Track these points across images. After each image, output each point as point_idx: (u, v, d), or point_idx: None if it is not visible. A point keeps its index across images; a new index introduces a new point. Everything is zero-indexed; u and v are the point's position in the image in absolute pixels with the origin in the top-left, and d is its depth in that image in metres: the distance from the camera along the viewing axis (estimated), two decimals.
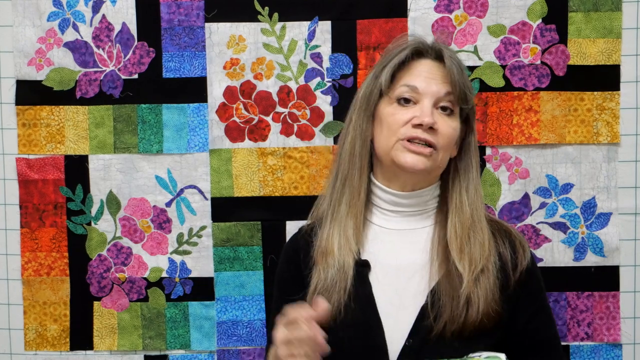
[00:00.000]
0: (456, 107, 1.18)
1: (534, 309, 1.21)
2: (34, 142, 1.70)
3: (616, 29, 1.63)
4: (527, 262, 1.19)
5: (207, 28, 1.67)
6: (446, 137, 1.16)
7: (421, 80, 1.17)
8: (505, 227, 1.24)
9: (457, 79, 1.17)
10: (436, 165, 1.17)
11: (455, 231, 1.17)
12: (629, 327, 1.66)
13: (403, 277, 1.18)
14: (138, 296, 1.71)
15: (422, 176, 1.18)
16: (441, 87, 1.17)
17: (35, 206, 1.70)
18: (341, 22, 1.65)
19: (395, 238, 1.21)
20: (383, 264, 1.19)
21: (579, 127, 1.64)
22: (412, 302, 1.16)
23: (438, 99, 1.17)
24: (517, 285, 1.18)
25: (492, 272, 1.16)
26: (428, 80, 1.17)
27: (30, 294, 1.72)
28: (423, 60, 1.20)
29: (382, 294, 1.17)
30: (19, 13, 1.68)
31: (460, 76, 1.17)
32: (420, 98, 1.17)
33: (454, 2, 1.64)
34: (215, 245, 1.69)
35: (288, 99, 1.67)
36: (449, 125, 1.17)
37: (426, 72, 1.18)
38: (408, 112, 1.16)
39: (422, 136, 1.14)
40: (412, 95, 1.17)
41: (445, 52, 1.20)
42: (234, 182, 1.68)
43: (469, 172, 1.22)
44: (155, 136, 1.69)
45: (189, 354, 1.71)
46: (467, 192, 1.20)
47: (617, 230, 1.65)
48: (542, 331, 1.22)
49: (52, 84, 1.68)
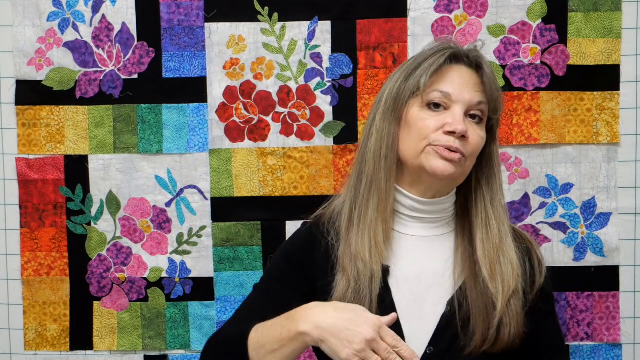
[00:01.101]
0: (485, 117, 1.17)
1: (544, 316, 1.21)
2: (34, 142, 1.70)
3: (616, 29, 1.63)
4: (543, 278, 1.19)
5: (207, 28, 1.67)
6: (474, 146, 1.15)
7: (454, 87, 1.14)
8: (525, 239, 1.23)
9: (491, 89, 1.15)
10: (462, 173, 1.16)
11: (483, 248, 1.15)
12: (629, 327, 1.66)
13: (423, 284, 1.16)
14: (138, 296, 1.71)
15: (447, 183, 1.16)
16: (474, 95, 1.15)
17: (35, 206, 1.70)
18: (341, 22, 1.65)
19: (414, 244, 1.19)
20: (402, 270, 1.17)
21: (579, 127, 1.64)
22: (432, 310, 1.15)
23: (469, 107, 1.15)
24: (534, 300, 1.18)
25: (520, 293, 1.15)
26: (461, 87, 1.15)
27: (30, 294, 1.72)
28: (457, 66, 1.17)
29: (402, 300, 1.16)
30: (19, 13, 1.68)
31: (494, 86, 1.16)
32: (451, 104, 1.14)
33: (454, 2, 1.64)
34: (215, 245, 1.69)
35: (288, 99, 1.67)
36: (477, 134, 1.15)
37: (460, 79, 1.16)
38: (439, 117, 1.14)
39: (455, 145, 1.12)
40: (444, 101, 1.14)
41: (484, 60, 1.18)
42: (233, 182, 1.68)
43: (492, 184, 1.20)
44: (155, 136, 1.69)
45: (189, 354, 1.71)
46: (493, 206, 1.18)
47: (617, 230, 1.65)
48: (549, 336, 1.22)
49: (52, 84, 1.68)
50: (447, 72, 1.16)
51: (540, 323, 1.20)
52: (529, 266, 1.19)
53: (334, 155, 1.66)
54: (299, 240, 1.27)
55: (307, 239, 1.25)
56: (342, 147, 1.66)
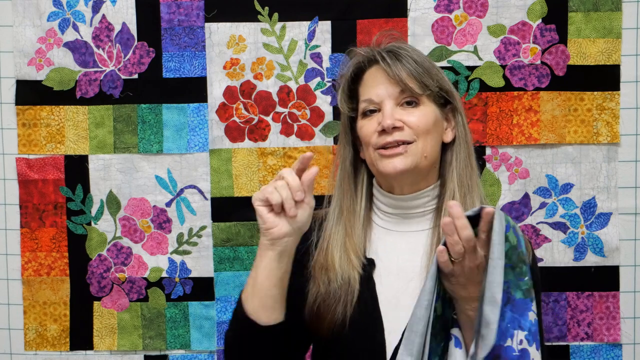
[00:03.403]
0: (422, 96, 1.18)
1: None
2: (34, 142, 1.70)
3: (616, 29, 1.63)
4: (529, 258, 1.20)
5: (207, 28, 1.67)
6: (417, 127, 1.16)
7: (373, 90, 1.19)
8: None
9: (403, 73, 1.17)
10: (421, 157, 1.17)
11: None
12: (629, 327, 1.66)
13: (403, 278, 1.19)
14: (138, 296, 1.71)
15: (413, 175, 1.18)
16: (392, 87, 1.18)
17: (35, 206, 1.70)
18: (341, 22, 1.65)
19: (396, 239, 1.22)
20: (385, 264, 1.21)
21: (579, 127, 1.64)
22: (411, 302, 1.16)
23: (396, 99, 1.18)
24: None
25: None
26: (377, 86, 1.19)
27: (30, 294, 1.72)
28: (371, 69, 1.22)
29: (383, 292, 1.19)
30: (19, 13, 1.68)
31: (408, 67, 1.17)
32: (381, 106, 1.18)
33: (454, 2, 1.64)
34: (215, 245, 1.69)
35: (288, 99, 1.67)
36: (415, 116, 1.17)
37: (375, 80, 1.20)
38: (374, 120, 1.19)
39: (390, 139, 1.15)
40: (374, 107, 1.19)
41: (378, 56, 1.20)
42: (234, 182, 1.68)
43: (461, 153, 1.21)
44: (155, 136, 1.69)
45: (189, 354, 1.71)
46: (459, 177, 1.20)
47: (617, 230, 1.65)
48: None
49: (52, 84, 1.68)
50: (365, 78, 1.22)
51: None
52: None
53: (334, 155, 1.66)
54: None
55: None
56: None
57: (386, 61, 1.18)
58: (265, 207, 1.09)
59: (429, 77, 1.19)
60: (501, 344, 0.96)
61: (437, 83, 1.20)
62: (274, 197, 1.07)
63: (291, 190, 1.07)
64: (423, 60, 1.20)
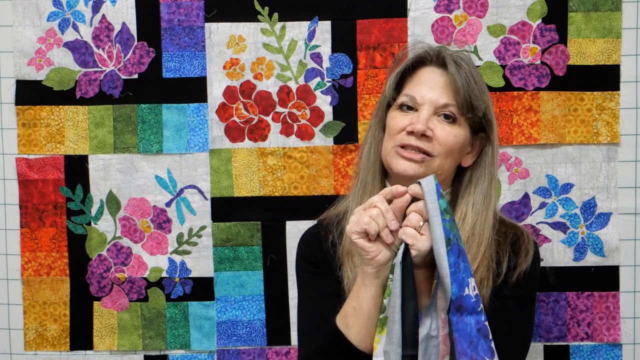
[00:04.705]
0: (461, 116, 1.18)
1: (513, 298, 1.20)
2: (34, 142, 1.70)
3: (616, 29, 1.63)
4: (527, 264, 1.20)
5: (207, 28, 1.67)
6: (444, 145, 1.16)
7: (421, 89, 1.18)
8: (517, 231, 1.24)
9: (459, 87, 1.16)
10: (431, 172, 1.15)
11: None
12: (629, 327, 1.66)
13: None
14: (138, 296, 1.71)
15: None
16: (440, 95, 1.17)
17: (35, 206, 1.70)
18: (341, 22, 1.65)
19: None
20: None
21: (579, 127, 1.64)
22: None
23: (437, 108, 1.17)
24: (513, 282, 1.19)
25: (490, 281, 1.18)
26: (427, 88, 1.18)
27: (30, 294, 1.72)
28: (427, 68, 1.21)
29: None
30: (19, 13, 1.68)
31: (465, 84, 1.17)
32: (419, 106, 1.18)
33: (454, 2, 1.64)
34: (215, 245, 1.69)
35: (288, 99, 1.67)
36: (447, 133, 1.16)
37: (427, 80, 1.19)
38: (406, 118, 1.18)
39: (414, 143, 1.15)
40: (412, 104, 1.18)
41: (449, 59, 1.19)
42: (234, 182, 1.68)
43: (480, 183, 1.21)
44: (155, 136, 1.69)
45: (189, 354, 1.71)
46: (474, 205, 1.20)
47: (617, 230, 1.65)
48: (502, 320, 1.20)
49: (52, 84, 1.68)
50: (418, 74, 1.21)
51: (504, 303, 1.19)
52: (512, 253, 1.21)
53: (334, 155, 1.66)
54: (306, 241, 1.33)
55: (313, 237, 1.31)
56: (342, 147, 1.66)
57: (447, 69, 1.17)
58: (364, 239, 1.07)
59: (479, 101, 1.18)
60: (461, 294, 1.02)
61: (483, 110, 1.19)
62: (372, 227, 1.05)
63: (386, 220, 1.05)
64: (480, 81, 1.20)
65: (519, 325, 1.21)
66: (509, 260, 1.20)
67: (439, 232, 1.01)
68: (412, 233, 1.03)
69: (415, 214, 1.04)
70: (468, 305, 1.03)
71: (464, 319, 1.02)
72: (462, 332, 1.02)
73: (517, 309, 1.21)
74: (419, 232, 1.04)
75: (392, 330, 1.04)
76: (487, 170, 1.22)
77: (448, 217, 1.03)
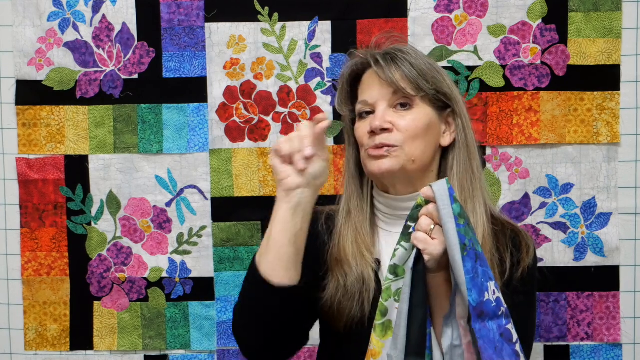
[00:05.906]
0: (415, 98, 1.18)
1: (519, 295, 1.20)
2: (34, 142, 1.70)
3: (616, 29, 1.63)
4: (530, 259, 1.20)
5: (207, 28, 1.67)
6: (405, 131, 1.16)
7: (368, 92, 1.20)
8: (513, 227, 1.24)
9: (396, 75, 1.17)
10: (407, 160, 1.16)
11: None
12: (629, 327, 1.66)
13: None
14: (138, 296, 1.71)
15: (403, 177, 1.18)
16: (385, 89, 1.18)
17: (35, 206, 1.70)
18: (341, 22, 1.65)
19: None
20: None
21: (579, 127, 1.64)
22: None
23: (390, 100, 1.18)
24: (518, 279, 1.19)
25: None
26: (374, 87, 1.19)
27: (30, 294, 1.72)
28: (368, 72, 1.22)
29: None
30: (19, 13, 1.68)
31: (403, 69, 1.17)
32: (375, 107, 1.19)
33: (454, 2, 1.64)
34: (215, 245, 1.69)
35: (288, 99, 1.67)
36: (405, 119, 1.17)
37: (371, 81, 1.20)
38: (366, 122, 1.19)
39: (378, 141, 1.16)
40: (370, 107, 1.20)
41: (375, 55, 1.20)
42: (234, 182, 1.68)
43: (459, 156, 1.21)
44: (155, 136, 1.69)
45: (189, 354, 1.71)
46: (459, 180, 1.19)
47: (617, 230, 1.65)
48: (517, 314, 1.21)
49: (52, 84, 1.68)
50: (363, 81, 1.23)
51: (513, 298, 1.18)
52: (513, 248, 1.20)
53: (334, 155, 1.66)
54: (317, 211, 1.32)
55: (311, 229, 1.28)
56: (342, 147, 1.66)
57: (379, 64, 1.18)
58: (279, 158, 1.10)
59: (424, 80, 1.18)
60: (482, 299, 1.00)
61: (433, 86, 1.19)
62: (284, 147, 1.08)
63: (302, 145, 1.08)
64: (420, 63, 1.20)
65: (527, 320, 1.22)
66: (511, 255, 1.20)
67: (454, 239, 0.99)
68: (423, 237, 1.02)
69: (426, 217, 1.03)
70: (489, 311, 1.01)
71: (486, 324, 1.00)
72: (486, 339, 1.00)
73: (525, 304, 1.21)
74: (431, 237, 1.03)
75: (397, 335, 1.03)
76: (462, 144, 1.21)
77: (462, 221, 1.00)
